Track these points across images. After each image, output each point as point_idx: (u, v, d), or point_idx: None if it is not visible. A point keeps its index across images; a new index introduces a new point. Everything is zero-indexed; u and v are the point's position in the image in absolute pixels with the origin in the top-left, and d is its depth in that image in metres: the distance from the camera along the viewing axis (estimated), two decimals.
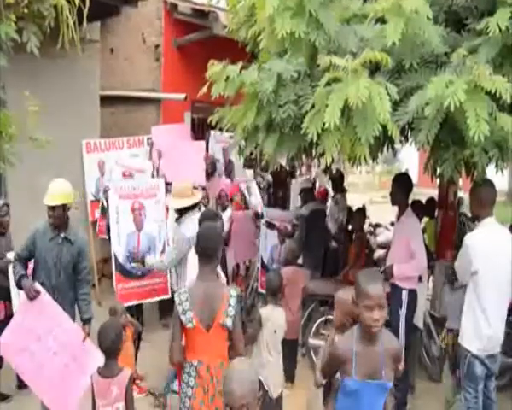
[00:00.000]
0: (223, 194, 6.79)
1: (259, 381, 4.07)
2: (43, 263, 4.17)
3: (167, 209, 5.75)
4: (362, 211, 7.13)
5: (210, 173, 7.69)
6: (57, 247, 4.20)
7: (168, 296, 5.75)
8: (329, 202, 8.10)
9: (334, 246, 7.46)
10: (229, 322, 3.09)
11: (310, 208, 6.39)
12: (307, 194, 6.69)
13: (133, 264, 5.34)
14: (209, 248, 3.23)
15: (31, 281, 4.06)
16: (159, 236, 5.66)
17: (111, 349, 3.36)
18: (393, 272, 4.60)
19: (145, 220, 5.62)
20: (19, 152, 4.39)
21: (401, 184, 4.92)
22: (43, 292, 3.97)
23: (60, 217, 4.18)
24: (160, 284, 5.69)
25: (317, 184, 9.47)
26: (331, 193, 8.55)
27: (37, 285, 4.00)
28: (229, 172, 8.22)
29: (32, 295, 3.94)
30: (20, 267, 4.10)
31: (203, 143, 7.59)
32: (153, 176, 7.14)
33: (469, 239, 3.85)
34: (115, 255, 5.60)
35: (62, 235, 4.21)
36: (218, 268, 3.68)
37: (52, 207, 4.15)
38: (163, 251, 5.60)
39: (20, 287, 4.07)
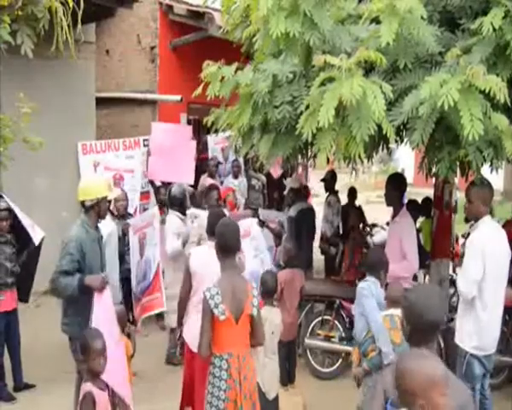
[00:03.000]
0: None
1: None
2: (94, 269, 3.96)
3: None
4: (358, 211, 7.17)
5: (213, 174, 7.71)
6: (99, 247, 4.08)
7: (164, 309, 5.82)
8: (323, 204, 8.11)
9: (331, 249, 7.49)
10: (255, 312, 3.29)
11: (297, 209, 6.40)
12: (295, 194, 6.68)
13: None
14: (231, 243, 3.37)
15: (94, 275, 3.86)
16: (153, 257, 5.74)
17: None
18: None
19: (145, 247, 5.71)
20: (14, 154, 4.39)
21: (394, 184, 4.95)
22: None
23: None
24: (156, 299, 5.74)
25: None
26: (319, 194, 8.60)
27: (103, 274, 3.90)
28: (236, 172, 8.20)
29: (104, 284, 3.82)
30: (69, 276, 3.79)
31: (194, 142, 7.57)
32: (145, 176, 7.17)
33: (477, 240, 3.79)
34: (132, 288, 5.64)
35: (99, 233, 4.13)
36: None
37: (109, 200, 4.12)
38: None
39: (83, 290, 3.80)
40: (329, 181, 7.86)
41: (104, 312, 3.87)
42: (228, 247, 3.37)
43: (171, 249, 5.42)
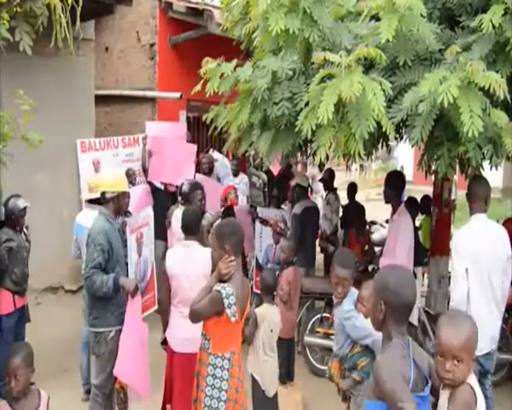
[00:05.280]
0: None
1: (255, 380, 4.10)
2: (119, 259, 4.13)
3: None
4: (360, 208, 7.19)
5: (207, 173, 7.68)
6: (120, 237, 4.24)
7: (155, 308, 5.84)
8: (322, 202, 8.12)
9: (329, 247, 7.49)
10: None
11: (302, 206, 6.40)
12: (301, 191, 6.68)
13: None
14: (243, 242, 3.35)
15: (129, 278, 4.06)
16: (150, 256, 5.74)
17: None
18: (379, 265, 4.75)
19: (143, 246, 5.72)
20: (13, 151, 4.37)
21: (392, 182, 4.96)
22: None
23: None
24: (150, 298, 5.73)
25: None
26: (323, 193, 8.62)
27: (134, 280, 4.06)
28: (235, 170, 8.18)
29: (137, 290, 3.95)
30: (103, 274, 3.91)
31: (194, 146, 7.57)
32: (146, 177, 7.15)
33: (460, 237, 3.82)
34: None
35: (119, 224, 4.28)
36: None
37: (128, 192, 4.28)
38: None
39: (118, 289, 3.94)
40: (328, 180, 7.87)
41: (133, 319, 3.97)
42: (241, 246, 3.35)
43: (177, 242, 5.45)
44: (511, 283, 3.96)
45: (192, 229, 4.03)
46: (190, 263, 3.82)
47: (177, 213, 5.73)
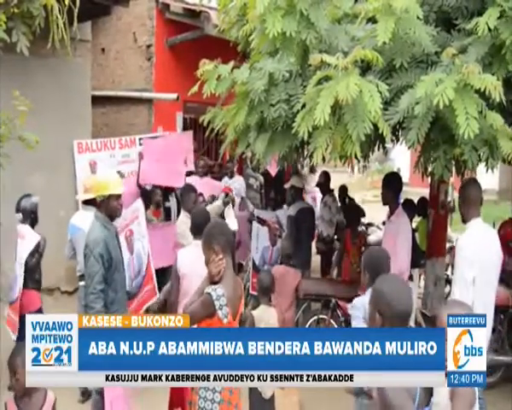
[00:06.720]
0: None
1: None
2: (118, 266, 3.98)
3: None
4: (357, 209, 7.19)
5: (203, 175, 7.68)
6: (118, 242, 4.10)
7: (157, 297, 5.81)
8: (319, 205, 8.12)
9: (326, 248, 7.50)
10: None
11: (297, 208, 6.40)
12: (296, 192, 6.68)
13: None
14: (232, 242, 3.35)
15: None
16: (143, 250, 5.71)
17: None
18: None
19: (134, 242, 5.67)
20: (10, 152, 4.37)
21: (390, 184, 4.96)
22: None
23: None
24: (148, 290, 5.70)
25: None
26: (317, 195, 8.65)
27: None
28: (230, 171, 8.21)
29: None
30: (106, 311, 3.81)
31: (190, 132, 7.52)
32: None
33: (465, 245, 3.79)
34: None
35: (115, 228, 4.13)
36: None
37: (119, 195, 4.02)
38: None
39: None
40: (323, 183, 7.89)
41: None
42: (230, 245, 3.33)
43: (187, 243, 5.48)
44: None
45: (202, 229, 4.04)
46: (202, 263, 3.81)
47: (181, 217, 5.73)
